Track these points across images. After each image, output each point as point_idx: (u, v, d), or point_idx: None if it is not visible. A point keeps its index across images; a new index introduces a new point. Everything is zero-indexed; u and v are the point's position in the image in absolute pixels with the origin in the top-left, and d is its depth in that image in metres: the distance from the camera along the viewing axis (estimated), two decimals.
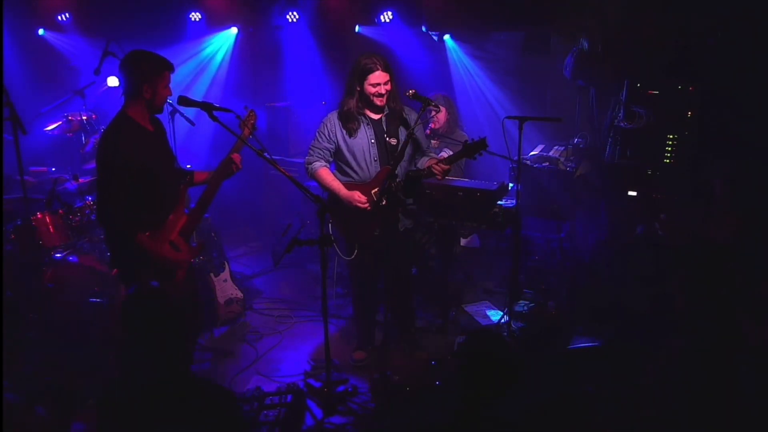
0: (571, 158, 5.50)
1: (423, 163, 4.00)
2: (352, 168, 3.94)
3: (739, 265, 3.38)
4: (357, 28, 6.73)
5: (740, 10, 4.51)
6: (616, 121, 5.01)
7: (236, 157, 3.45)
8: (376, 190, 3.86)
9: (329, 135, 3.93)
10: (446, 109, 5.13)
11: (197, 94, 6.99)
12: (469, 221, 4.92)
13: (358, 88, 3.82)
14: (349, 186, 3.92)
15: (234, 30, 7.11)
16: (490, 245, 5.90)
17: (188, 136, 5.51)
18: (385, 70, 3.77)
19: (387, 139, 3.89)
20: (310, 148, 3.99)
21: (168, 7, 6.87)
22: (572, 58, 5.54)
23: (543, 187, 5.15)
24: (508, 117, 4.17)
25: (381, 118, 3.92)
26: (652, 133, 4.77)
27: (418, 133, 4.00)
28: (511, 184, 5.04)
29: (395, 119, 3.92)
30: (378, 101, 3.80)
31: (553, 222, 5.50)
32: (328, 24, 6.84)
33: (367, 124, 3.89)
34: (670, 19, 4.87)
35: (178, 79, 3.31)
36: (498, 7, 5.93)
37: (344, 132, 3.90)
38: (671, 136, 4.73)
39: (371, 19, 6.53)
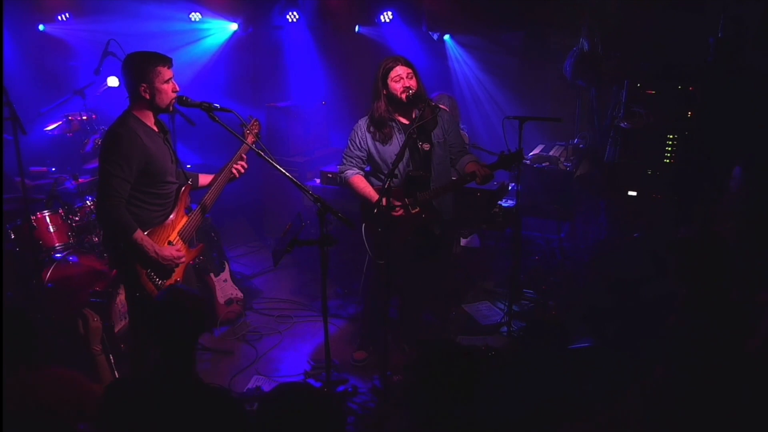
0: (571, 158, 5.50)
1: (463, 164, 3.91)
2: (384, 174, 3.86)
3: (741, 265, 3.36)
4: (357, 28, 6.73)
5: (739, 9, 4.51)
6: (616, 121, 5.02)
7: (240, 163, 3.47)
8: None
9: (360, 143, 3.90)
10: (449, 109, 5.09)
11: (196, 93, 6.96)
12: (469, 221, 4.92)
13: (384, 91, 3.78)
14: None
15: (234, 26, 7.10)
16: (490, 245, 5.91)
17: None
18: (406, 64, 3.75)
19: (420, 144, 3.78)
20: (344, 156, 3.98)
21: (168, 7, 6.87)
22: (572, 59, 5.54)
23: (543, 187, 5.15)
24: (508, 117, 4.16)
25: (411, 122, 3.83)
26: (652, 133, 4.78)
27: (453, 133, 3.96)
28: (511, 184, 5.04)
29: (427, 122, 3.79)
30: (403, 96, 3.71)
31: (553, 222, 5.51)
32: (328, 24, 6.84)
33: (399, 131, 3.84)
34: (670, 19, 4.88)
35: (176, 78, 3.29)
36: (498, 7, 5.94)
37: (375, 139, 3.86)
38: (671, 136, 4.74)
39: (371, 19, 6.53)
